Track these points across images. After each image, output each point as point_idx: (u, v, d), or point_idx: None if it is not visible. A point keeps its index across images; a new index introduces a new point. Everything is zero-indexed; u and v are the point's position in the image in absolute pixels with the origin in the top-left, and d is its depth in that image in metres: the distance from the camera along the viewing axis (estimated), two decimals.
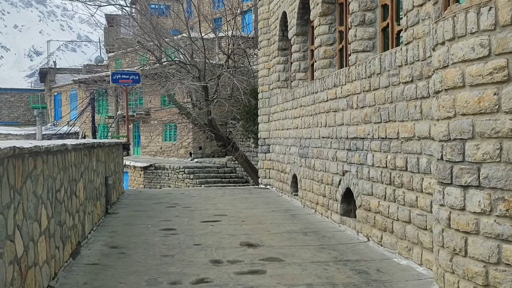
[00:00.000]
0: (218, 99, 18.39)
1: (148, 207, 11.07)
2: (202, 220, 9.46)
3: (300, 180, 11.11)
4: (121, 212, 10.30)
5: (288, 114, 12.12)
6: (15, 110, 54.66)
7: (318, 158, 9.79)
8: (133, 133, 33.06)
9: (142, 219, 9.51)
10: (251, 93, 16.92)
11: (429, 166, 5.65)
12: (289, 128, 12.08)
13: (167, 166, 25.11)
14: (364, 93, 7.52)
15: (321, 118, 9.56)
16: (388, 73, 6.72)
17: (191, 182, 23.37)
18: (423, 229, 5.81)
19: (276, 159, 13.56)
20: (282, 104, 12.77)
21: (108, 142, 10.29)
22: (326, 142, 9.28)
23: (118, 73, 14.27)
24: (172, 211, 10.50)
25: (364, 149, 7.53)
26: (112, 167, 11.28)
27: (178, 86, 18.20)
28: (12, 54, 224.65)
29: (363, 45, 7.90)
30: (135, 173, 26.58)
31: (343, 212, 8.61)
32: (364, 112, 7.49)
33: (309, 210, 10.43)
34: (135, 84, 14.40)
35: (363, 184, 7.55)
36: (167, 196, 13.00)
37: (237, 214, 10.12)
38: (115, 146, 11.84)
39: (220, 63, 20.77)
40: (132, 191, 14.44)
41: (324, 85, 9.40)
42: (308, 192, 10.48)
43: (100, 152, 9.44)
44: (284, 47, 13.22)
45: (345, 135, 8.31)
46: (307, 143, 10.54)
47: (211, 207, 11.12)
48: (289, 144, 12.13)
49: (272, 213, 10.18)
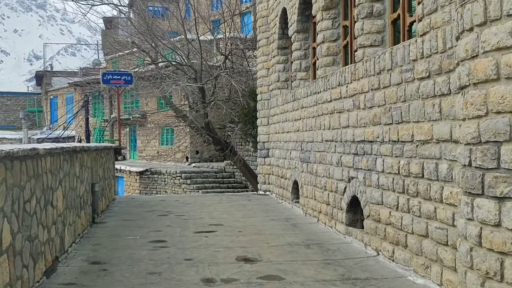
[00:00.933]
0: (215, 101, 17.68)
1: (139, 216, 10.34)
2: (195, 230, 8.74)
3: (302, 186, 10.39)
4: (109, 222, 9.57)
5: (289, 116, 11.42)
6: (12, 114, 53.94)
7: (321, 163, 9.08)
8: (129, 137, 32.34)
9: (131, 230, 8.79)
10: (250, 95, 16.22)
11: (450, 173, 4.94)
12: (289, 131, 11.37)
13: (164, 170, 24.38)
14: (372, 91, 6.82)
15: (324, 120, 8.86)
16: (400, 68, 6.01)
17: (188, 187, 22.64)
18: (444, 244, 5.09)
19: (276, 163, 12.85)
20: (282, 105, 12.07)
21: (95, 146, 9.58)
22: (330, 146, 8.58)
23: (109, 73, 13.54)
24: (164, 220, 9.78)
25: (372, 153, 6.82)
26: (100, 173, 10.56)
27: (173, 87, 17.48)
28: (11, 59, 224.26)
29: (371, 39, 7.20)
30: (130, 178, 25.85)
31: (348, 222, 7.89)
32: (373, 113, 6.79)
33: (311, 219, 9.71)
34: (127, 85, 13.70)
35: (372, 192, 6.84)
36: (160, 204, 12.28)
37: (234, 223, 9.40)
38: (104, 150, 11.12)
39: (218, 65, 20.06)
40: (123, 198, 13.73)
41: (327, 85, 8.70)
42: (310, 199, 9.77)
43: (85, 157, 8.72)
44: (284, 46, 12.53)
45: (351, 138, 7.61)
46: (309, 147, 9.83)
47: (206, 215, 10.40)
48: (289, 148, 11.42)
49: (271, 222, 9.46)
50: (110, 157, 12.45)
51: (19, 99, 54.29)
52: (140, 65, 19.63)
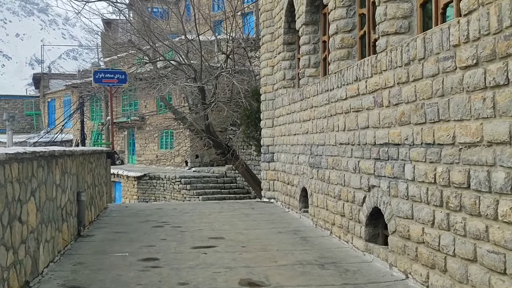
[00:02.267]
0: (216, 102, 16.68)
1: (131, 227, 9.33)
2: (193, 245, 7.73)
3: (311, 194, 9.38)
4: (96, 235, 8.56)
5: (296, 117, 10.42)
6: None
7: (334, 169, 8.07)
8: (127, 140, 31.36)
9: (120, 245, 7.78)
10: (253, 95, 15.20)
11: (510, 184, 3.94)
12: (297, 134, 10.37)
13: (163, 175, 23.38)
14: (399, 86, 5.82)
15: (338, 120, 7.85)
16: (436, 57, 5.01)
17: (188, 193, 21.63)
18: (500, 273, 4.08)
19: (281, 169, 11.84)
20: (289, 106, 11.07)
21: (81, 150, 8.59)
22: (345, 150, 7.57)
23: (101, 72, 12.52)
24: (158, 233, 8.77)
25: (400, 158, 5.81)
26: (89, 180, 9.56)
27: (170, 86, 16.47)
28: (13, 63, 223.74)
29: (396, 25, 6.20)
30: (128, 183, 24.85)
31: (368, 237, 6.87)
32: (400, 111, 5.78)
33: (322, 231, 8.69)
34: (120, 84, 12.70)
35: (399, 203, 5.83)
36: (156, 213, 11.27)
37: (236, 236, 8.39)
38: (93, 154, 10.12)
39: (219, 65, 19.05)
40: (117, 206, 12.72)
41: (342, 80, 7.70)
42: (322, 209, 8.75)
43: (69, 162, 7.72)
44: (291, 41, 11.54)
45: (371, 140, 6.60)
46: (320, 151, 8.82)
47: (206, 226, 9.39)
48: (297, 152, 10.41)
49: (278, 236, 8.45)
50: (101, 162, 11.45)
51: (17, 102, 53.30)
52: (136, 63, 18.59)
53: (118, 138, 32.42)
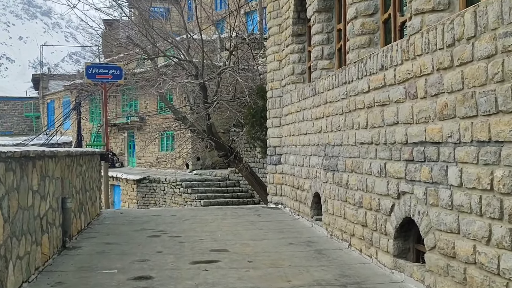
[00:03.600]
0: (219, 101, 15.69)
1: (124, 238, 8.35)
2: (193, 259, 6.75)
3: (326, 201, 8.39)
4: (84, 247, 7.58)
5: (307, 114, 9.43)
6: (9, 119, 52.15)
7: (354, 173, 7.08)
8: (127, 142, 30.41)
9: (110, 259, 6.80)
10: (258, 92, 14.21)
11: None
12: (308, 133, 9.38)
13: (163, 179, 22.39)
14: (439, 72, 4.83)
15: (359, 116, 6.87)
16: (493, 33, 4.02)
17: (189, 197, 20.64)
18: None
19: (290, 172, 10.84)
20: (298, 102, 10.09)
21: (67, 151, 7.61)
22: (368, 150, 6.58)
23: (94, 67, 11.55)
24: (154, 244, 7.78)
25: (440, 159, 4.82)
26: (77, 184, 8.59)
27: (170, 83, 15.48)
28: (16, 66, 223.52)
29: (433, 1, 5.21)
30: (127, 187, 23.88)
31: (397, 252, 5.88)
32: (441, 102, 4.79)
33: (339, 242, 7.70)
34: (115, 80, 11.74)
35: (440, 214, 4.83)
36: (154, 220, 10.29)
37: (241, 248, 7.40)
38: (83, 156, 9.15)
39: (221, 64, 18.05)
40: (111, 212, 11.73)
41: (363, 71, 6.71)
42: (338, 218, 7.76)
43: (51, 164, 6.75)
44: (300, 32, 10.56)
45: (402, 139, 5.61)
46: (336, 152, 7.83)
47: (207, 237, 8.41)
48: (308, 154, 9.42)
49: (289, 248, 7.45)
50: (93, 164, 10.48)
51: (17, 104, 52.47)
52: (134, 60, 17.62)
53: (117, 140, 31.45)
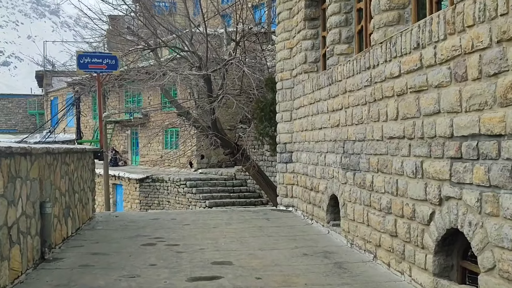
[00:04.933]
0: (224, 95, 14.63)
1: (115, 246, 7.33)
2: (190, 275, 5.72)
3: (345, 204, 7.33)
4: (66, 258, 6.56)
5: (322, 106, 8.37)
6: (13, 117, 51.43)
7: (381, 172, 6.01)
8: (131, 140, 29.42)
9: (93, 274, 5.77)
10: (267, 84, 13.13)
11: None
12: (323, 127, 8.32)
13: (166, 178, 21.36)
14: (500, 45, 3.76)
15: (387, 106, 5.80)
16: None
17: (193, 197, 19.61)
18: None
19: (302, 171, 9.79)
20: (312, 94, 9.03)
21: (46, 148, 6.59)
22: (399, 146, 5.51)
23: (87, 56, 10.51)
24: (147, 255, 6.75)
25: (503, 156, 3.76)
26: (63, 186, 7.58)
27: (171, 74, 14.42)
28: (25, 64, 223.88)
29: None
30: (130, 186, 22.89)
31: (438, 270, 4.81)
32: (506, 83, 3.72)
33: (362, 253, 6.63)
34: (110, 71, 10.75)
35: (503, 227, 3.76)
36: (151, 224, 9.27)
37: (248, 260, 6.36)
38: (70, 154, 8.13)
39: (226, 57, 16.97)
40: (105, 215, 10.72)
41: (392, 51, 5.65)
42: (360, 224, 6.70)
43: (24, 163, 5.74)
44: (313, 16, 9.49)
45: (445, 131, 4.54)
46: (358, 148, 6.77)
47: (209, 245, 7.37)
48: (323, 151, 8.36)
49: (304, 260, 6.40)
50: (84, 163, 9.46)
51: (21, 101, 51.75)
52: (134, 50, 16.58)
53: (121, 137, 30.50)
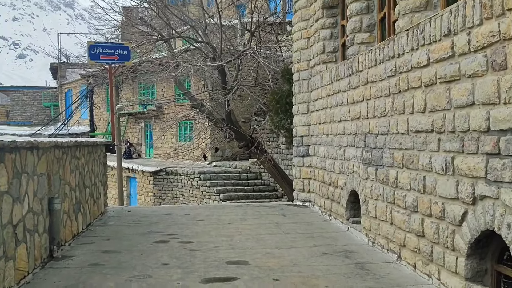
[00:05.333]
0: (239, 86, 14.30)
1: (126, 243, 7.07)
2: (204, 276, 5.43)
3: (366, 201, 6.98)
4: (76, 256, 6.31)
5: (341, 98, 8.02)
6: (28, 109, 51.64)
7: (406, 168, 5.66)
8: (144, 132, 29.24)
9: (103, 275, 5.51)
10: (283, 75, 12.77)
11: None
12: (343, 120, 7.97)
13: (180, 171, 21.14)
14: None
15: (413, 97, 5.44)
16: None
17: (207, 190, 19.36)
18: None
19: (320, 165, 9.45)
20: (330, 85, 8.67)
21: (54, 142, 6.33)
22: (427, 140, 5.15)
23: (99, 46, 10.24)
24: (160, 253, 6.48)
25: None
26: (73, 181, 7.33)
27: (184, 66, 14.11)
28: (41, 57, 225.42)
29: None
30: (143, 179, 22.71)
31: (471, 274, 4.46)
32: None
33: (385, 253, 6.30)
34: (122, 62, 10.46)
35: None
36: (164, 220, 9.00)
37: (265, 260, 6.06)
38: (80, 147, 7.87)
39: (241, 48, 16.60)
40: (118, 210, 10.47)
41: (419, 39, 5.28)
42: (383, 223, 6.36)
43: (31, 158, 5.48)
44: (332, 4, 9.11)
45: (480, 125, 4.18)
46: (380, 142, 6.42)
47: (224, 242, 7.08)
48: (343, 144, 8.01)
49: (323, 260, 6.08)
50: (96, 156, 9.22)
51: (36, 93, 51.94)
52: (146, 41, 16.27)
53: (134, 130, 30.35)
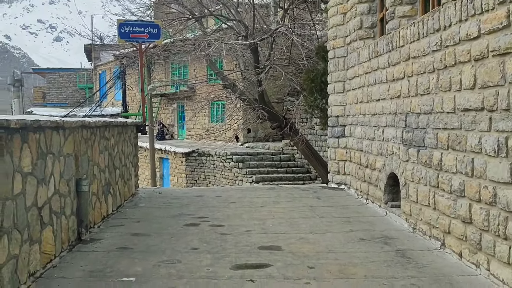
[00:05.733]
0: (272, 65, 13.92)
1: (156, 226, 6.89)
2: (236, 262, 5.19)
3: (406, 184, 6.60)
4: (104, 239, 6.15)
5: (380, 76, 7.59)
6: (64, 91, 52.38)
7: (452, 150, 5.25)
8: (177, 113, 29.20)
9: (131, 259, 5.32)
10: (318, 53, 12.33)
11: None
12: (382, 99, 7.55)
13: (212, 152, 20.99)
14: None
15: (461, 73, 5.01)
16: None
17: (240, 172, 19.16)
18: None
19: (356, 146, 9.07)
20: (368, 62, 8.23)
21: (81, 121, 6.14)
22: (476, 119, 4.74)
23: (128, 24, 9.99)
24: (190, 237, 6.27)
25: None
26: (102, 162, 7.16)
27: (216, 44, 13.77)
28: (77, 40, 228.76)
29: None
30: (176, 160, 22.68)
31: None
32: None
33: (427, 240, 5.92)
34: (153, 40, 10.23)
35: None
36: (195, 202, 8.81)
37: (299, 246, 5.78)
38: (109, 128, 7.69)
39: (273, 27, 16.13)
40: (149, 192, 10.32)
41: (469, 9, 4.82)
42: (425, 207, 5.98)
43: (56, 138, 5.30)
44: None
45: None
46: (423, 122, 6.00)
47: (256, 226, 6.83)
48: (381, 124, 7.61)
49: (361, 246, 5.76)
50: (126, 137, 9.05)
51: (71, 75, 52.59)
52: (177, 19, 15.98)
53: (167, 111, 30.34)
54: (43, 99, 53.08)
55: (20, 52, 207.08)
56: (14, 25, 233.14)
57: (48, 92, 52.11)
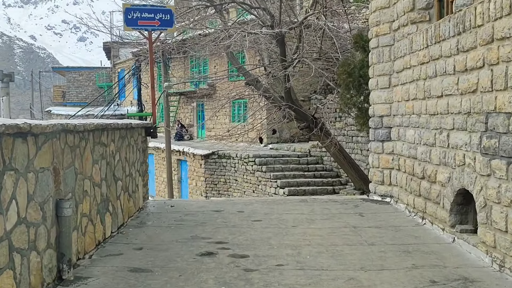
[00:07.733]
0: (300, 58, 12.42)
1: (162, 257, 5.45)
2: None
3: (487, 205, 5.03)
4: (92, 280, 4.71)
5: (444, 66, 6.03)
6: (83, 90, 51.65)
7: None
8: (196, 112, 27.83)
9: None
10: (356, 42, 10.77)
11: None
12: (446, 94, 5.99)
13: (234, 154, 19.55)
14: None
15: None
16: None
17: (263, 176, 17.68)
18: None
19: (407, 153, 7.51)
20: (425, 50, 6.67)
21: (61, 125, 4.73)
22: None
23: (136, 10, 8.55)
24: (203, 274, 4.81)
25: None
26: (97, 174, 5.75)
27: (238, 32, 12.28)
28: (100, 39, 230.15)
29: None
30: (194, 163, 21.29)
31: None
32: None
33: None
34: (164, 28, 8.81)
35: None
36: (212, 219, 7.35)
37: None
38: (107, 131, 6.26)
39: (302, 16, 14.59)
40: (159, 205, 8.83)
41: None
42: None
43: (21, 148, 3.89)
44: None
45: None
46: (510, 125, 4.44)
47: (289, 258, 5.34)
48: (446, 127, 6.05)
49: None
50: (133, 141, 7.64)
51: (91, 74, 51.83)
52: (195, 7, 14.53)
53: (186, 110, 29.00)
54: (62, 98, 52.43)
55: (45, 52, 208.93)
56: (39, 26, 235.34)
57: (68, 91, 51.45)
